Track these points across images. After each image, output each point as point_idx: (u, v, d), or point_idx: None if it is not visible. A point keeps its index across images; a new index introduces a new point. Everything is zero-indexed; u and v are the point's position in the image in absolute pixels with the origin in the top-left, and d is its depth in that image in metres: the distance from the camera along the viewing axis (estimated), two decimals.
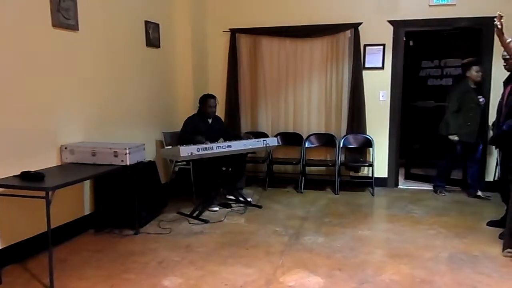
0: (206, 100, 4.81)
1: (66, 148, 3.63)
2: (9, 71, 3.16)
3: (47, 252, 2.87)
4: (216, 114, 5.06)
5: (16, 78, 3.23)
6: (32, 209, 3.21)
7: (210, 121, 4.88)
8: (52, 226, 2.87)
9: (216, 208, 4.66)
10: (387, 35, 5.42)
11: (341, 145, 5.55)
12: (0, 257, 3.01)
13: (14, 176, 3.08)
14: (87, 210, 4.05)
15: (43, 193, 2.78)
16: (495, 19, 3.49)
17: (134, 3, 4.71)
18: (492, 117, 4.80)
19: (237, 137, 4.77)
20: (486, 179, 5.31)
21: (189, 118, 4.82)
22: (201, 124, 4.78)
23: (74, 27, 3.76)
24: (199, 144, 4.16)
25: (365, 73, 5.49)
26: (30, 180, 2.97)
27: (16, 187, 2.91)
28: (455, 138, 4.98)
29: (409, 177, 6.00)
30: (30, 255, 3.34)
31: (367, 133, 5.53)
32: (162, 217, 4.38)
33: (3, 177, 3.04)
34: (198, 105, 4.87)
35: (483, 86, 5.13)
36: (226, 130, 5.20)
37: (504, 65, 4.01)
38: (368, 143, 5.52)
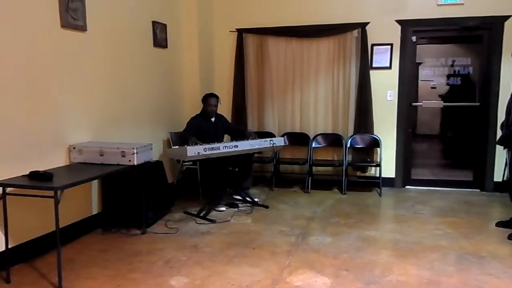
0: (206, 99, 4.86)
1: (74, 148, 3.65)
2: (18, 71, 3.19)
3: (55, 251, 2.89)
4: (223, 114, 5.11)
5: (25, 79, 3.25)
6: (40, 208, 3.25)
7: (213, 119, 4.92)
8: (60, 226, 2.89)
9: (223, 208, 4.68)
10: (394, 34, 5.40)
11: (348, 145, 5.53)
12: (9, 256, 3.03)
13: (23, 175, 3.11)
14: (94, 210, 4.08)
15: (51, 193, 2.80)
16: None
17: (141, 4, 4.73)
18: (501, 117, 4.75)
19: (242, 133, 4.82)
20: (495, 180, 5.27)
21: (192, 118, 4.86)
22: (204, 123, 4.82)
23: (82, 28, 3.78)
24: (202, 145, 4.17)
25: (372, 72, 5.47)
26: (39, 179, 2.99)
27: (25, 187, 2.93)
28: None
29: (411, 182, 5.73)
30: (38, 254, 3.37)
31: (375, 133, 5.51)
32: (169, 217, 4.40)
33: (12, 176, 3.07)
34: (202, 105, 4.92)
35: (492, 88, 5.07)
36: (230, 126, 5.24)
37: None
38: (376, 143, 5.49)
